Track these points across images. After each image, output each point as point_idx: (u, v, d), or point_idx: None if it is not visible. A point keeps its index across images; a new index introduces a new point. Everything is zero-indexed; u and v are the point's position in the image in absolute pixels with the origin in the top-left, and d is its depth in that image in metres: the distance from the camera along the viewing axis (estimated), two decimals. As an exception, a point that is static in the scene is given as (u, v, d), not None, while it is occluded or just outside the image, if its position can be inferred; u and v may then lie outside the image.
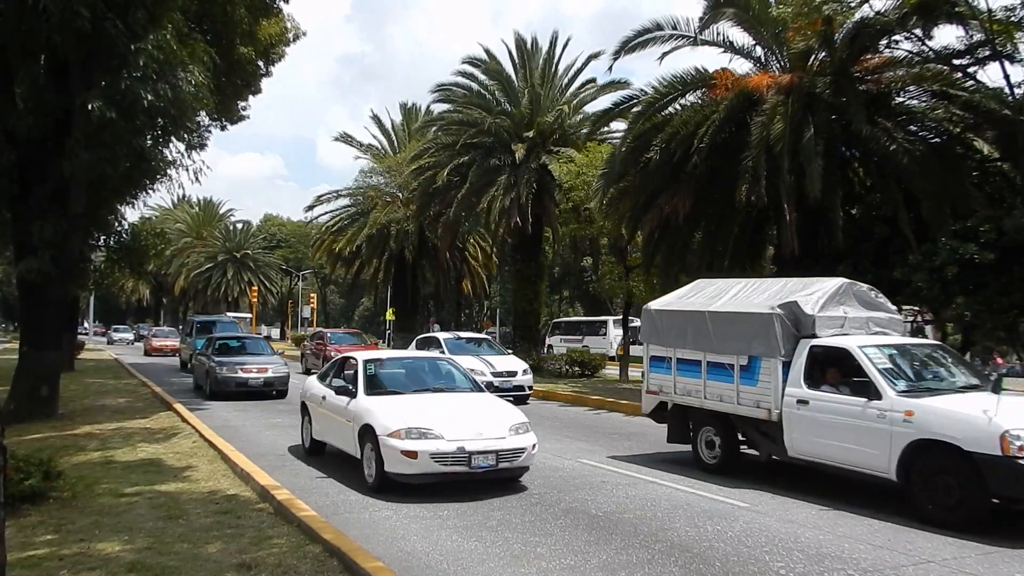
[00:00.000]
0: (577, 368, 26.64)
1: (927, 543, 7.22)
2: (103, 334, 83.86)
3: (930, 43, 16.08)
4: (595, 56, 31.93)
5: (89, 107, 12.22)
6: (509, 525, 7.65)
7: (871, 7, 15.86)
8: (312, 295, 75.18)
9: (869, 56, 17.29)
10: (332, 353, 22.20)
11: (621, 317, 48.29)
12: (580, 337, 47.27)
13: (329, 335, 29.52)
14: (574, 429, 14.85)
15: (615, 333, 45.45)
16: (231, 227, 78.18)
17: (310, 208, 46.75)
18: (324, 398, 10.83)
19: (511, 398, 15.56)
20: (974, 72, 16.10)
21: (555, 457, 11.60)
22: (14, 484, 7.63)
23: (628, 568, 6.39)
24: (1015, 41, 15.19)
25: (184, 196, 32.86)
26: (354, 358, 10.95)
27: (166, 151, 15.20)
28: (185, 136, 15.02)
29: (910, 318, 17.12)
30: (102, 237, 17.16)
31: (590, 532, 7.45)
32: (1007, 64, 15.26)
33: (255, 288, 67.48)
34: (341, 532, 6.86)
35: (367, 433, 9.14)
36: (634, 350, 25.61)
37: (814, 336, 9.35)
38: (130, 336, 62.51)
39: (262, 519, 7.55)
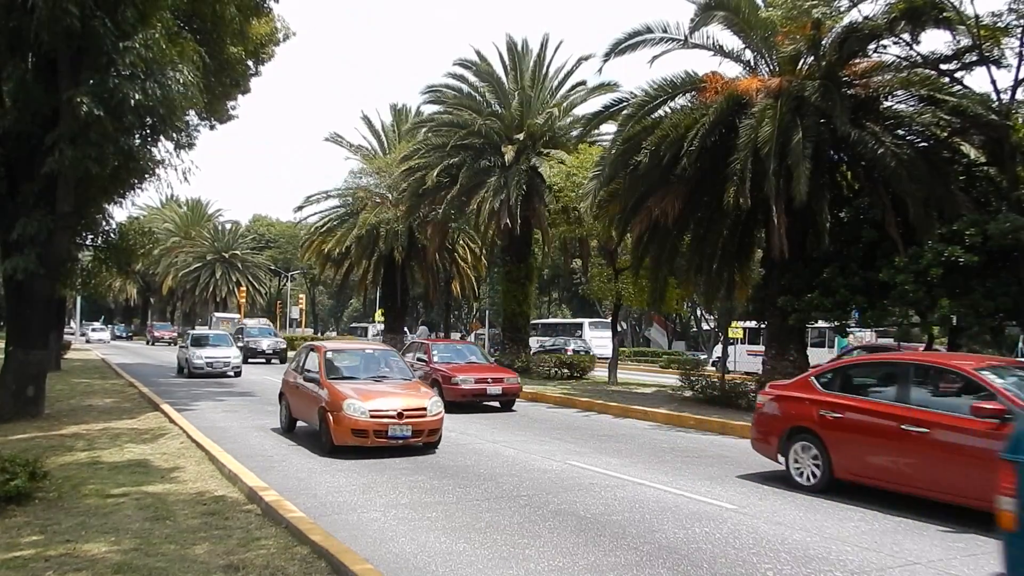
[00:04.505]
0: (566, 370, 26.69)
1: (914, 545, 7.27)
2: (168, 339, 60.52)
3: (918, 48, 16.23)
4: (585, 58, 32.18)
5: (76, 101, 12.16)
6: (498, 527, 7.65)
7: (860, 11, 15.97)
8: (301, 296, 75.06)
9: (857, 60, 17.39)
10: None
11: (597, 320, 48.81)
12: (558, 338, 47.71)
13: None
14: (563, 431, 14.87)
15: (591, 335, 45.83)
16: (219, 227, 78.05)
17: (299, 208, 46.58)
18: None
19: None
20: (961, 77, 16.25)
21: (544, 459, 11.63)
22: (-1, 484, 7.61)
23: (617, 570, 6.40)
24: (1002, 46, 15.32)
25: (172, 196, 32.82)
26: None
27: (154, 150, 15.14)
28: (174, 135, 14.96)
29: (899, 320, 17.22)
30: (89, 236, 17.05)
31: (579, 534, 7.45)
32: (994, 69, 15.42)
33: (243, 288, 67.40)
34: (329, 534, 6.84)
35: None
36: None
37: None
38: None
39: (250, 520, 7.52)
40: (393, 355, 14.55)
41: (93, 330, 67.89)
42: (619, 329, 34.39)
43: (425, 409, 11.84)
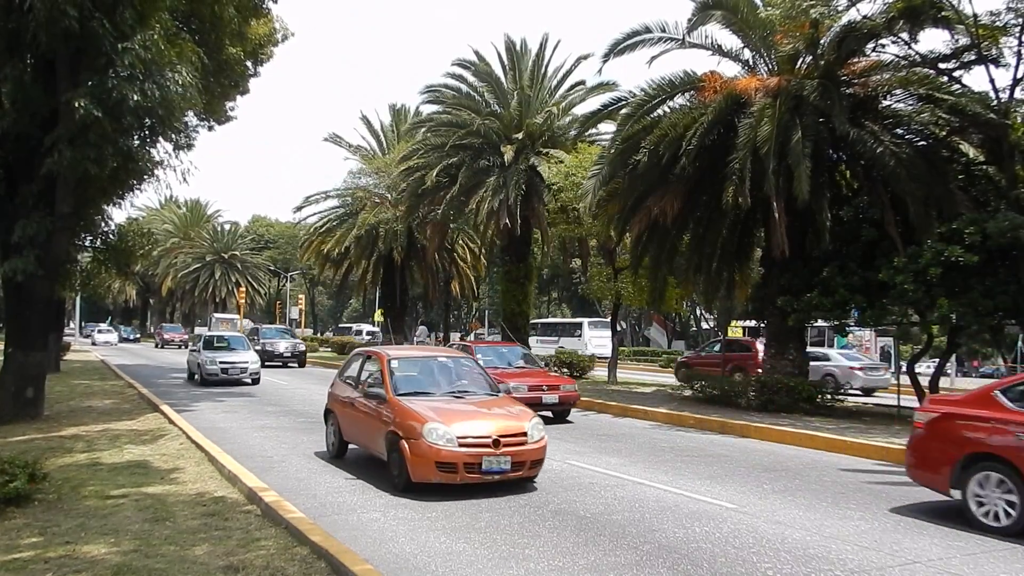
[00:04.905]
0: (566, 369, 26.70)
1: (913, 544, 7.27)
2: (179, 342, 55.04)
3: (916, 47, 16.22)
4: (584, 58, 32.29)
5: (75, 104, 12.16)
6: (498, 527, 7.65)
7: (858, 11, 15.96)
8: (300, 296, 75.05)
9: (856, 59, 17.40)
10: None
11: (596, 319, 48.83)
12: (556, 338, 47.85)
13: None
14: (562, 431, 14.86)
15: (589, 335, 45.88)
16: (219, 228, 78.07)
17: (299, 209, 46.69)
18: None
19: None
20: (960, 76, 16.24)
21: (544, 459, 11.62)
22: (-1, 486, 7.61)
23: (617, 569, 6.40)
24: (1000, 45, 15.32)
25: (171, 196, 32.75)
26: None
27: (153, 151, 15.15)
28: (173, 136, 14.96)
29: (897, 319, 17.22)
30: (88, 237, 17.06)
31: (578, 533, 7.45)
32: (992, 68, 15.41)
33: (243, 289, 67.35)
34: (329, 534, 6.84)
35: None
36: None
37: None
38: None
39: (250, 521, 7.52)
40: (470, 363, 11.52)
41: (99, 331, 63.24)
42: (619, 328, 34.45)
43: (525, 434, 9.25)
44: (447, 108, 31.48)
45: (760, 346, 26.94)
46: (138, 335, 74.08)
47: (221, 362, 23.87)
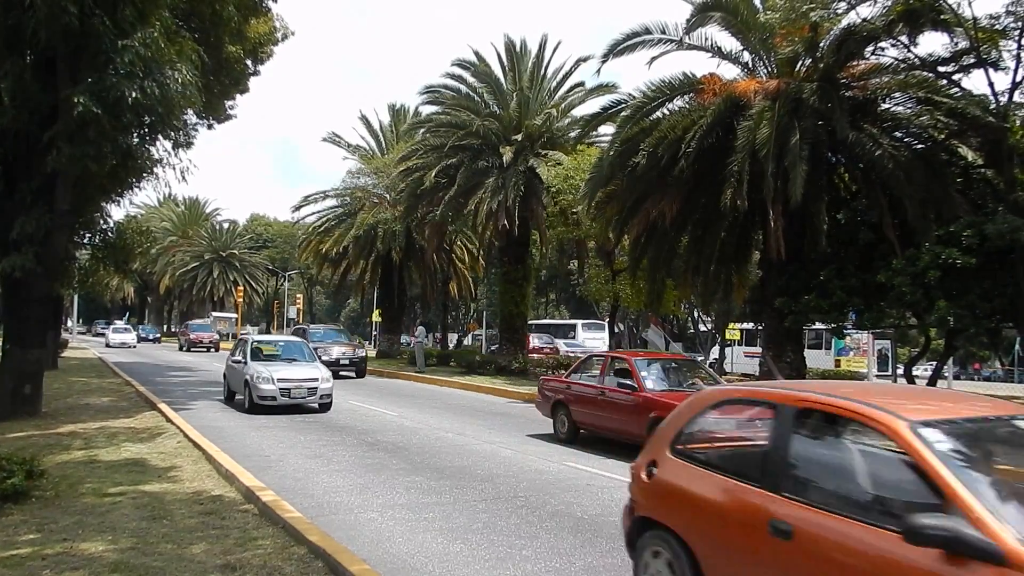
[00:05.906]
0: (563, 371, 26.67)
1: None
2: (208, 343, 48.51)
3: (916, 50, 16.25)
4: (584, 60, 32.23)
5: (75, 100, 12.16)
6: (495, 528, 7.65)
7: (858, 14, 15.96)
8: (298, 296, 74.93)
9: (855, 62, 17.41)
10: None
11: (590, 321, 48.74)
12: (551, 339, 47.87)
13: None
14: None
15: (584, 336, 45.84)
16: (217, 226, 77.97)
17: (297, 208, 46.50)
18: None
19: None
20: (959, 79, 16.25)
21: (541, 460, 11.63)
22: (-4, 483, 7.61)
23: (613, 571, 6.41)
24: (999, 49, 15.34)
25: (170, 195, 32.69)
26: None
27: (153, 149, 15.13)
28: (172, 134, 14.93)
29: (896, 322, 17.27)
30: (87, 235, 17.05)
31: (575, 535, 7.46)
32: (991, 71, 15.42)
33: (241, 288, 67.24)
34: (326, 534, 6.84)
35: None
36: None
37: None
38: None
39: (247, 520, 7.52)
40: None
41: (115, 330, 53.52)
42: (616, 330, 34.42)
43: None
44: (446, 109, 31.42)
45: (534, 339, 36.69)
46: (159, 334, 65.61)
47: (280, 380, 16.93)
